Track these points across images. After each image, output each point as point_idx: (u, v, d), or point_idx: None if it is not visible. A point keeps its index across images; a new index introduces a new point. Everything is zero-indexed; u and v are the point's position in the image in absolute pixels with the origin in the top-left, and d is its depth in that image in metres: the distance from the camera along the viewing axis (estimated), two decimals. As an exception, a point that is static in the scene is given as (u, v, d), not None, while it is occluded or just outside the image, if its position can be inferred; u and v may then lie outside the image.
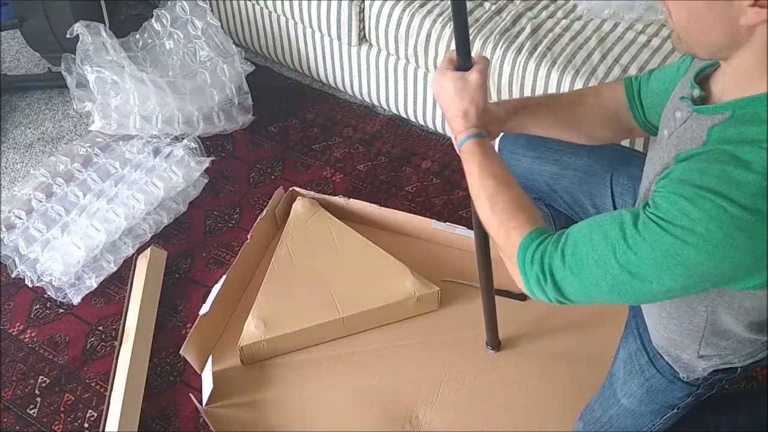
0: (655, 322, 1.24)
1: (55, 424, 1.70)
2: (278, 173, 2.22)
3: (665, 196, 0.89)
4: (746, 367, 1.20)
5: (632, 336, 1.32)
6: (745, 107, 0.88)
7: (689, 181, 0.86)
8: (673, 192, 0.88)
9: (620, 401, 1.34)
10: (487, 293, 1.57)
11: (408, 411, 1.66)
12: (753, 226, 0.82)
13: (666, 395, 1.27)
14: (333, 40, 2.27)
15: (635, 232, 0.90)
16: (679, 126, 1.03)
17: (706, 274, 0.88)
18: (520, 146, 1.57)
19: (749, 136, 0.86)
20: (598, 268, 0.93)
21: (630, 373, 1.31)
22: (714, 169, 0.85)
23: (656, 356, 1.26)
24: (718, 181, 0.84)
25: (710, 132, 0.91)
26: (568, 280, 0.97)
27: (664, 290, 0.92)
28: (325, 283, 1.81)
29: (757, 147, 0.84)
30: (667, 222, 0.87)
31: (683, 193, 0.86)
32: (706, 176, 0.85)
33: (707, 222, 0.84)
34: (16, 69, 2.61)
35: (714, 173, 0.85)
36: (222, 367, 1.75)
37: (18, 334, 1.86)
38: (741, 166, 0.83)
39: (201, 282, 1.95)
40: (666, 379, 1.25)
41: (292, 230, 1.93)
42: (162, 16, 2.28)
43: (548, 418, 1.63)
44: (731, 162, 0.84)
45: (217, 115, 2.28)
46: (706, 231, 0.84)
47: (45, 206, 2.02)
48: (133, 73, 2.09)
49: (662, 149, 1.07)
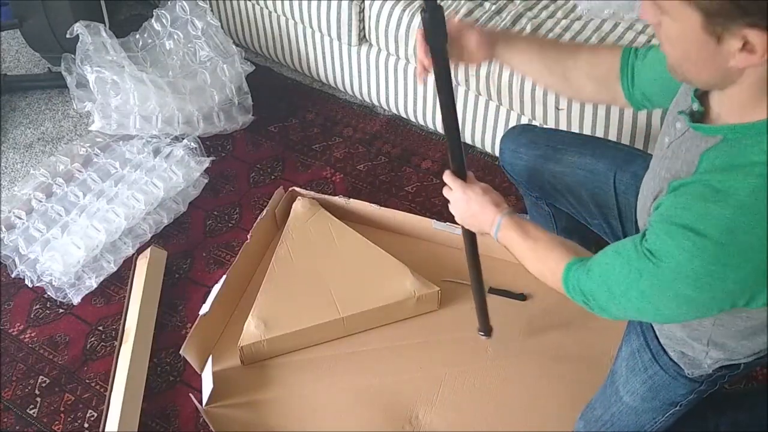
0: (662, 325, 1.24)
1: (55, 424, 1.70)
2: (278, 173, 2.22)
3: (655, 233, 0.95)
4: (749, 364, 1.20)
5: (635, 333, 1.32)
6: (737, 133, 0.92)
7: (673, 219, 0.92)
8: (660, 230, 0.94)
9: (622, 398, 1.34)
10: (477, 281, 1.57)
11: (408, 411, 1.66)
12: (732, 257, 0.87)
13: (669, 392, 1.27)
14: (333, 40, 2.27)
15: (640, 267, 0.97)
16: (677, 137, 1.05)
17: (705, 304, 0.94)
18: (522, 145, 1.57)
19: (736, 161, 0.90)
20: (624, 297, 1.02)
21: (632, 370, 1.31)
22: (696, 206, 0.90)
23: (660, 353, 1.26)
24: (697, 218, 0.89)
25: (702, 158, 0.95)
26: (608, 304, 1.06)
27: (678, 316, 1.00)
28: (325, 283, 1.81)
29: (741, 173, 0.88)
30: (657, 258, 0.94)
31: (667, 231, 0.92)
32: (687, 213, 0.91)
33: (690, 260, 0.89)
34: (16, 69, 2.61)
35: (695, 210, 0.90)
36: (222, 367, 1.75)
37: (18, 334, 1.86)
38: (719, 199, 0.88)
39: (201, 282, 1.95)
40: (669, 376, 1.25)
41: (292, 230, 1.93)
42: (162, 16, 2.28)
43: (548, 418, 1.63)
44: (712, 197, 0.88)
45: (217, 115, 2.28)
46: (691, 269, 0.90)
47: (45, 206, 2.02)
48: (133, 73, 2.09)
49: (660, 163, 1.10)
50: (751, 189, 0.86)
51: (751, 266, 0.88)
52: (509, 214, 1.27)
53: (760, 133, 0.89)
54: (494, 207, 1.28)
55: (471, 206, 1.30)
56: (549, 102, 1.88)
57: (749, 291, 0.92)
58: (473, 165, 2.20)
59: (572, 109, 1.86)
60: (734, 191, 0.87)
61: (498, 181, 2.14)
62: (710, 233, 0.88)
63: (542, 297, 1.83)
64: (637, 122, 1.79)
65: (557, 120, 1.91)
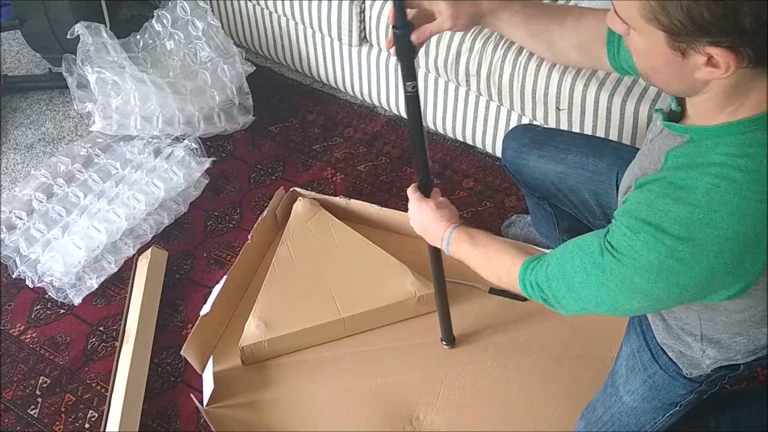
0: (658, 323, 1.24)
1: (55, 424, 1.70)
2: (279, 173, 2.22)
3: (618, 227, 0.97)
4: (749, 364, 1.20)
5: (635, 333, 1.32)
6: (702, 134, 0.94)
7: (635, 214, 0.94)
8: (623, 224, 0.96)
9: (622, 399, 1.34)
10: (440, 292, 1.60)
11: (409, 411, 1.66)
12: (688, 254, 0.90)
13: (668, 392, 1.27)
14: (334, 40, 2.27)
15: (601, 261, 0.99)
16: (656, 134, 1.08)
17: (661, 298, 0.96)
18: (525, 145, 1.57)
19: (697, 159, 0.92)
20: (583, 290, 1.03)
21: (632, 370, 1.31)
22: (657, 202, 0.92)
23: (659, 353, 1.26)
24: (657, 213, 0.92)
25: (667, 156, 0.97)
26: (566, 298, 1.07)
27: (635, 309, 1.01)
28: (325, 284, 1.81)
29: (700, 171, 0.90)
30: (619, 252, 0.96)
31: (629, 225, 0.95)
32: (648, 208, 0.93)
33: (648, 253, 0.92)
34: (17, 70, 2.61)
35: (656, 206, 0.92)
36: (223, 368, 1.75)
37: (19, 335, 1.86)
38: (678, 196, 0.90)
39: (202, 282, 1.95)
40: (669, 376, 1.25)
41: (292, 231, 1.93)
42: (163, 17, 2.28)
43: (549, 419, 1.63)
44: (672, 194, 0.91)
45: (217, 115, 2.28)
46: (648, 262, 0.92)
47: (46, 207, 2.02)
48: (134, 74, 2.09)
49: (638, 159, 1.12)
50: (708, 188, 0.89)
51: (706, 263, 0.90)
52: (459, 227, 1.28)
53: (719, 135, 0.92)
54: (445, 221, 1.29)
55: (422, 220, 1.33)
56: (550, 102, 1.88)
57: (704, 286, 0.93)
58: (474, 165, 2.20)
59: (573, 109, 1.86)
60: (692, 189, 0.90)
61: (499, 181, 2.14)
62: (668, 228, 0.90)
63: (543, 297, 1.83)
64: (638, 122, 1.79)
65: (558, 120, 1.91)
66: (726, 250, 0.89)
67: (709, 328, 1.14)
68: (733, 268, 0.91)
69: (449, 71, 2.03)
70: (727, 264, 0.90)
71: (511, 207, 2.08)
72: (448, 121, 2.20)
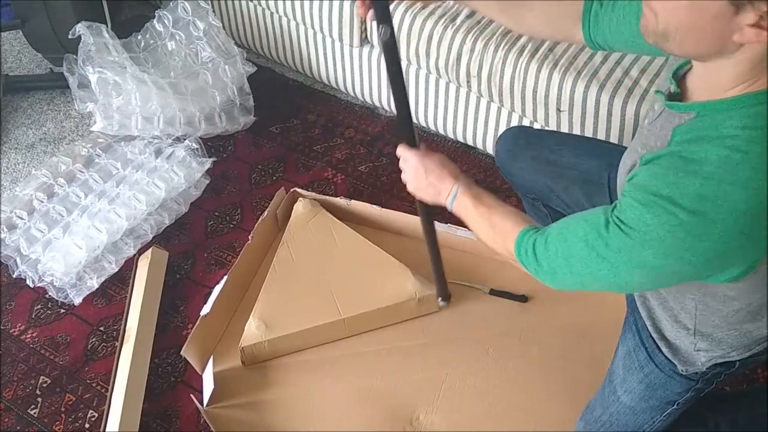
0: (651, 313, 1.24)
1: (56, 424, 1.70)
2: (279, 174, 2.22)
3: (627, 201, 0.95)
4: (744, 361, 1.20)
5: (630, 332, 1.33)
6: (709, 109, 0.92)
7: (645, 187, 0.93)
8: (633, 197, 0.94)
9: (620, 398, 1.34)
10: (432, 248, 1.59)
11: (409, 412, 1.66)
12: (700, 228, 0.88)
13: (665, 390, 1.27)
14: (334, 41, 2.27)
15: (606, 235, 0.97)
16: (655, 118, 1.07)
17: (667, 274, 0.95)
18: (517, 146, 1.57)
19: (707, 133, 0.90)
20: (581, 262, 1.01)
21: (629, 370, 1.31)
22: (667, 175, 0.91)
23: (655, 351, 1.26)
24: (669, 187, 0.90)
25: (674, 132, 0.95)
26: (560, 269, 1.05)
27: (634, 284, 1.01)
28: (326, 284, 1.81)
29: (712, 144, 0.89)
30: (627, 227, 0.94)
31: (640, 199, 0.93)
32: (659, 182, 0.91)
33: (659, 227, 0.90)
34: (18, 69, 2.61)
35: (667, 179, 0.91)
36: (223, 368, 1.75)
37: (19, 335, 1.86)
38: (689, 170, 0.89)
39: (202, 282, 1.95)
40: (665, 374, 1.25)
41: (293, 231, 1.93)
42: (164, 17, 2.28)
43: (549, 419, 1.63)
44: (682, 167, 0.90)
45: (218, 115, 2.28)
46: (659, 235, 0.90)
47: (46, 206, 2.02)
48: (135, 74, 2.09)
49: (638, 140, 1.12)
50: (721, 160, 0.87)
51: (718, 237, 0.88)
52: (467, 184, 1.25)
53: (730, 108, 0.90)
54: (452, 178, 1.26)
55: (429, 176, 1.28)
56: (550, 104, 1.88)
57: (711, 263, 0.92)
58: (474, 166, 2.20)
59: (574, 111, 1.86)
60: (704, 162, 0.88)
61: (499, 182, 2.14)
62: (681, 202, 0.88)
63: (543, 298, 1.83)
64: (639, 124, 1.79)
65: (558, 122, 1.91)
66: (738, 225, 0.87)
67: (704, 320, 1.14)
68: (744, 244, 0.89)
69: (450, 73, 2.03)
70: (738, 239, 0.88)
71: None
72: (448, 122, 2.20)
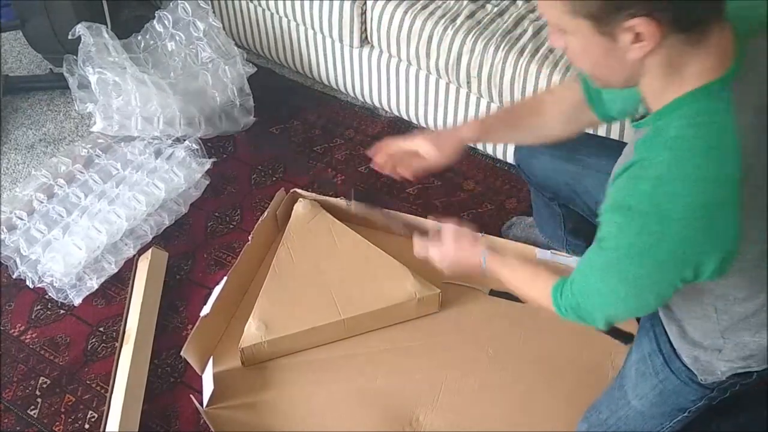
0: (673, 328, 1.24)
1: (55, 425, 1.70)
2: (279, 175, 2.22)
3: (601, 221, 1.01)
4: (761, 373, 1.20)
5: (647, 338, 1.31)
6: (658, 117, 0.97)
7: (612, 202, 0.99)
8: (603, 217, 1.00)
9: (631, 403, 1.33)
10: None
11: (409, 413, 1.66)
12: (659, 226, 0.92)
13: (679, 398, 1.26)
14: (335, 41, 2.27)
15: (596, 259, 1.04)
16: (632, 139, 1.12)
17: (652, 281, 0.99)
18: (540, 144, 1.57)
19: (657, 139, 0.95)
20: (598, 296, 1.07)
21: (643, 375, 1.31)
22: (626, 186, 0.96)
23: (672, 358, 1.25)
24: (628, 196, 0.96)
25: (635, 147, 1.00)
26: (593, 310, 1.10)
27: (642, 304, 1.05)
28: (326, 285, 1.80)
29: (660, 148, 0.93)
30: (603, 241, 1.00)
31: (607, 215, 0.99)
32: (621, 194, 0.97)
33: (624, 235, 0.96)
34: (18, 70, 2.61)
35: (625, 189, 0.96)
36: (223, 369, 1.74)
37: (19, 335, 1.86)
38: (642, 175, 0.94)
39: (202, 283, 1.95)
40: (681, 382, 1.25)
41: (293, 232, 1.93)
42: (164, 18, 2.28)
43: (549, 421, 1.62)
44: (636, 174, 0.95)
45: (218, 116, 2.28)
46: (627, 244, 0.96)
47: (46, 207, 2.02)
48: (135, 75, 2.09)
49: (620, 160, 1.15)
50: (668, 160, 0.92)
51: (676, 232, 0.92)
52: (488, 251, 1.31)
53: (671, 111, 0.94)
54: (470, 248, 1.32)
55: (451, 257, 1.34)
56: (550, 104, 1.88)
57: (682, 259, 0.94)
58: (475, 167, 2.20)
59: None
60: (654, 165, 0.93)
61: (499, 183, 2.14)
62: (635, 206, 0.93)
63: (543, 299, 1.83)
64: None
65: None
66: (694, 218, 0.91)
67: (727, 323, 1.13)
68: (704, 236, 0.92)
69: (450, 73, 2.03)
70: (697, 231, 0.92)
71: (512, 209, 2.08)
72: (449, 122, 2.20)
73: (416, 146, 1.38)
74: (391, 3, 2.06)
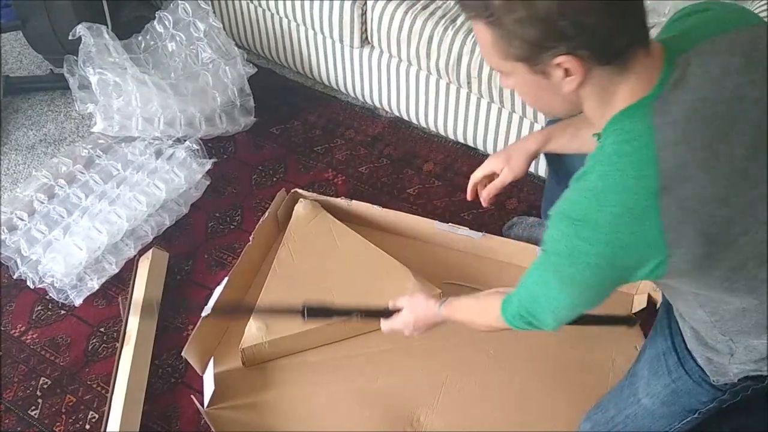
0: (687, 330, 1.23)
1: (56, 425, 1.70)
2: (280, 175, 2.22)
3: (547, 225, 1.07)
4: None
5: (662, 336, 1.31)
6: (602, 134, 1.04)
7: (557, 208, 1.05)
8: (550, 220, 1.06)
9: (641, 401, 1.33)
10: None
11: (409, 413, 1.66)
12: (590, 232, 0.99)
13: (691, 398, 1.26)
14: (335, 42, 2.27)
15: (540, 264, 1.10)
16: None
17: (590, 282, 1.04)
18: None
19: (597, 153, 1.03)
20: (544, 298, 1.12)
21: (656, 373, 1.30)
22: (567, 195, 1.03)
23: (686, 358, 1.25)
24: (566, 205, 1.03)
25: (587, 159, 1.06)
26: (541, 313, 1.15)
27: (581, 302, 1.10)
28: (326, 285, 1.80)
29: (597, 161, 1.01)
30: (545, 245, 1.06)
31: (550, 221, 1.05)
32: (560, 203, 1.04)
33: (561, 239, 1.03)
34: (19, 71, 2.62)
35: (566, 198, 1.03)
36: (223, 369, 1.75)
37: (19, 336, 1.86)
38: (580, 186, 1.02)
39: (203, 283, 1.95)
40: (693, 382, 1.24)
41: (293, 232, 1.93)
42: (164, 18, 2.28)
43: (549, 421, 1.62)
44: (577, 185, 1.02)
45: (219, 116, 2.28)
46: (565, 247, 1.02)
47: (47, 207, 2.02)
48: (136, 75, 2.09)
49: None
50: (600, 174, 1.00)
51: (605, 237, 0.98)
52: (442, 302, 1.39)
53: (608, 128, 1.02)
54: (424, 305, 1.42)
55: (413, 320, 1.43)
56: (551, 104, 1.88)
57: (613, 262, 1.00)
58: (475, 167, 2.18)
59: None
60: (588, 177, 1.01)
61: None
62: (571, 213, 1.01)
63: (544, 299, 1.83)
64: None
65: (559, 122, 1.91)
66: (619, 224, 0.97)
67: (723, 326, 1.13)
68: (631, 239, 0.98)
69: (450, 73, 2.03)
70: (623, 236, 0.98)
71: (513, 209, 2.08)
72: (449, 123, 2.20)
73: (491, 168, 1.51)
74: (392, 3, 2.06)
